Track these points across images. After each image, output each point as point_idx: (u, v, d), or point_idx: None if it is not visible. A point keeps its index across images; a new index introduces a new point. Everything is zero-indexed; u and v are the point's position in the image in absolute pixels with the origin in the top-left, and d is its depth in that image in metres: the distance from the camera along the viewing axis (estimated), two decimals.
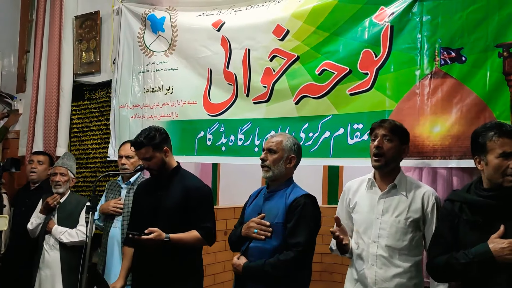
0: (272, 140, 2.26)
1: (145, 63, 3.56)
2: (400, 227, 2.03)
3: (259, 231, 2.13)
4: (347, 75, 2.61)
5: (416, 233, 2.05)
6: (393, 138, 2.07)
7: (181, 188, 2.41)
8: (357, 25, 2.60)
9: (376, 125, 2.11)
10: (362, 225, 2.12)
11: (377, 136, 2.08)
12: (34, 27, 4.29)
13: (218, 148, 3.10)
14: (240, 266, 2.13)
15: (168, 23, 3.41)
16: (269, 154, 2.22)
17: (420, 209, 2.04)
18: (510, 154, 1.72)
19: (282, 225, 2.13)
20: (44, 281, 3.20)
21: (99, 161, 3.87)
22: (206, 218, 2.40)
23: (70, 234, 3.19)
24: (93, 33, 4.03)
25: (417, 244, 2.05)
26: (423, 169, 2.39)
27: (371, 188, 2.15)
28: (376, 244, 2.05)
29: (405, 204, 2.05)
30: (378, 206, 2.09)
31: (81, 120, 4.04)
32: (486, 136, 1.77)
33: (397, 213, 2.05)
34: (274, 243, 2.12)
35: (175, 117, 3.34)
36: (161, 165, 2.43)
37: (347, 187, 2.28)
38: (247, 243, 2.18)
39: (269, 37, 2.90)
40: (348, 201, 2.23)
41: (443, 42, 2.32)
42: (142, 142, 2.39)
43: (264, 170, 2.23)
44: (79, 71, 4.09)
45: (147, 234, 2.26)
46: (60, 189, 3.29)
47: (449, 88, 2.30)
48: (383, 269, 2.03)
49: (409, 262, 2.02)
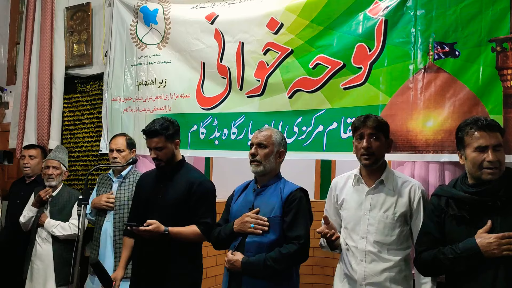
0: (261, 134, 2.24)
1: (137, 56, 3.52)
2: (388, 222, 2.05)
3: (256, 225, 2.11)
4: (341, 69, 2.61)
5: (404, 227, 2.07)
6: (379, 135, 2.08)
7: (185, 182, 2.40)
8: (351, 19, 2.60)
9: (360, 124, 2.10)
10: (351, 222, 2.13)
11: (363, 136, 2.08)
12: (25, 18, 4.22)
13: (211, 142, 3.09)
14: (238, 261, 2.10)
15: (161, 15, 3.38)
16: (259, 148, 2.21)
17: (407, 203, 2.06)
18: (485, 147, 1.75)
19: (280, 218, 2.13)
20: (36, 273, 3.19)
21: (91, 154, 3.84)
22: (206, 213, 2.39)
23: (63, 227, 3.19)
24: (84, 24, 3.98)
25: (405, 238, 2.07)
26: (415, 163, 2.40)
27: (358, 184, 2.16)
28: (365, 240, 2.07)
29: (392, 199, 2.07)
30: (366, 202, 2.10)
31: (72, 113, 4.00)
32: (464, 131, 1.81)
33: (384, 209, 2.06)
34: (271, 237, 2.11)
35: (168, 110, 3.32)
36: (170, 157, 2.42)
37: (333, 184, 2.29)
38: (239, 239, 2.16)
39: (263, 31, 2.89)
40: (336, 197, 2.24)
41: (437, 37, 2.33)
42: (156, 131, 2.38)
43: (254, 165, 2.21)
44: (70, 63, 4.04)
45: (146, 226, 2.24)
46: (52, 182, 3.28)
47: (442, 82, 2.31)
48: (372, 264, 2.04)
49: (398, 256, 2.04)
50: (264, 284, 2.08)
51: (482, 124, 1.77)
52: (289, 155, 2.73)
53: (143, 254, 2.39)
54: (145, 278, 2.36)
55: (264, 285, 2.08)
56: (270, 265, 2.05)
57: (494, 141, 1.75)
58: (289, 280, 2.14)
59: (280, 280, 2.10)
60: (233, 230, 2.18)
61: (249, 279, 2.10)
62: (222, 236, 2.24)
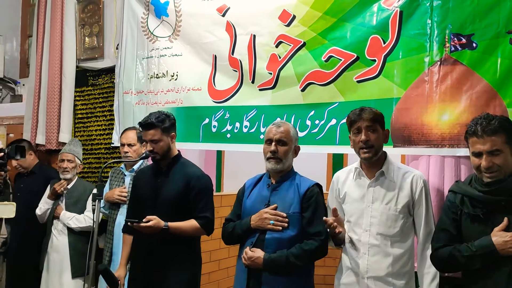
0: (280, 130, 2.18)
1: (149, 49, 3.52)
2: (391, 214, 2.03)
3: (276, 222, 2.10)
4: (354, 62, 2.57)
5: (407, 218, 2.05)
6: (376, 127, 2.05)
7: (182, 177, 2.40)
8: (365, 11, 2.55)
9: (356, 118, 2.06)
10: (353, 215, 2.12)
11: (361, 130, 2.05)
12: (36, 11, 4.24)
13: (223, 135, 3.08)
14: (259, 258, 2.06)
15: (172, 7, 3.36)
16: (279, 145, 2.17)
17: (409, 194, 2.03)
18: (479, 153, 1.74)
19: (299, 215, 2.12)
20: (52, 264, 3.25)
21: (104, 147, 3.87)
22: (205, 207, 2.40)
23: (78, 220, 3.24)
24: (95, 17, 3.98)
25: (408, 229, 2.05)
26: (430, 157, 2.37)
27: (359, 178, 2.14)
28: (368, 232, 2.05)
29: (394, 190, 2.05)
30: (368, 195, 2.08)
31: (85, 106, 4.02)
32: (466, 133, 1.81)
33: (386, 201, 2.05)
34: (291, 233, 2.10)
35: (179, 103, 3.32)
36: (166, 150, 2.42)
37: (335, 178, 2.27)
38: (257, 235, 2.14)
39: (275, 23, 2.86)
40: (338, 191, 2.22)
41: (454, 28, 2.28)
42: (152, 123, 2.38)
43: (274, 162, 2.16)
44: (82, 56, 4.06)
45: (146, 222, 2.25)
46: (67, 175, 3.32)
47: (459, 75, 2.26)
48: (375, 257, 2.03)
49: (402, 248, 2.02)
50: (284, 279, 2.07)
51: (476, 129, 1.73)
52: (302, 148, 2.70)
53: (142, 249, 2.40)
54: (144, 274, 2.37)
55: (283, 280, 2.08)
56: (292, 261, 2.04)
57: (489, 146, 1.71)
58: (307, 274, 2.15)
59: (298, 275, 2.10)
60: (251, 226, 2.15)
61: (269, 276, 2.07)
62: (237, 232, 2.20)
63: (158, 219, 2.27)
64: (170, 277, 2.33)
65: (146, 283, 2.36)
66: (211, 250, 3.56)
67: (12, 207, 3.41)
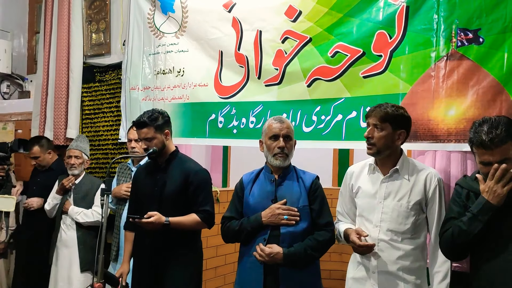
0: (284, 125, 2.20)
1: (155, 45, 3.53)
2: (402, 210, 2.03)
3: (289, 217, 2.12)
4: (360, 57, 2.57)
5: (420, 216, 2.05)
6: (384, 127, 2.03)
7: (180, 172, 2.43)
8: (371, 6, 2.55)
9: (369, 113, 2.09)
10: (365, 210, 2.13)
11: (369, 125, 2.06)
12: (43, 8, 4.26)
13: (230, 131, 3.10)
14: (279, 254, 2.06)
15: (178, 3, 3.37)
16: (285, 141, 2.19)
17: (423, 191, 2.04)
18: (488, 163, 1.74)
19: (308, 207, 2.17)
20: (61, 259, 3.29)
21: (111, 143, 3.90)
22: (205, 201, 2.42)
23: (86, 215, 3.28)
24: (102, 14, 4.00)
25: (420, 226, 2.06)
26: (436, 152, 2.37)
27: (373, 173, 2.15)
28: (378, 228, 2.06)
29: (407, 187, 2.05)
30: (380, 191, 2.09)
31: (92, 102, 4.05)
32: (470, 140, 1.80)
33: (399, 197, 2.05)
34: (303, 226, 2.14)
35: (186, 99, 3.33)
36: (161, 148, 2.44)
37: (349, 172, 2.28)
38: (268, 231, 2.13)
39: (281, 18, 2.86)
40: (351, 186, 2.24)
41: (460, 23, 2.27)
42: (145, 122, 2.41)
43: (282, 158, 2.18)
44: (89, 52, 4.08)
45: (148, 218, 2.28)
46: (75, 171, 3.36)
47: (465, 70, 2.26)
48: (385, 253, 2.04)
49: (412, 245, 2.03)
50: (300, 273, 2.12)
51: (487, 140, 1.71)
52: (308, 144, 2.73)
53: (145, 246, 2.43)
54: (147, 270, 2.40)
55: (299, 274, 2.11)
56: (310, 253, 2.09)
57: (498, 157, 1.71)
58: (316, 267, 2.20)
59: (309, 268, 2.15)
60: (262, 223, 2.13)
61: (286, 271, 2.09)
62: (247, 230, 2.16)
63: (159, 214, 2.30)
64: (173, 273, 2.36)
65: (150, 280, 2.38)
66: (217, 245, 3.58)
67: (12, 200, 3.46)
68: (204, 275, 2.60)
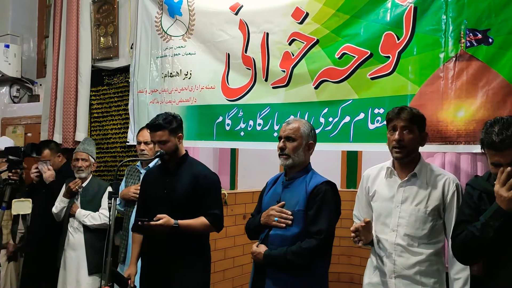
0: (288, 127, 2.22)
1: (163, 48, 3.55)
2: (420, 215, 2.01)
3: (280, 219, 2.13)
4: (368, 59, 2.56)
5: (437, 221, 2.02)
6: (413, 128, 2.02)
7: (190, 175, 2.43)
8: (378, 7, 2.53)
9: (393, 116, 2.04)
10: (382, 214, 2.11)
11: (396, 128, 2.03)
12: (53, 11, 4.31)
13: (237, 133, 3.10)
14: (260, 254, 2.13)
15: (186, 6, 3.38)
16: (287, 142, 2.20)
17: (441, 197, 2.01)
18: (499, 164, 1.70)
19: (303, 212, 2.12)
20: (69, 262, 3.30)
21: (119, 146, 3.92)
22: (214, 205, 2.43)
23: (93, 217, 3.28)
24: (110, 17, 4.03)
25: (437, 232, 2.03)
26: (445, 154, 2.35)
27: (391, 177, 2.12)
28: (395, 232, 2.04)
29: (425, 192, 2.02)
30: (398, 195, 2.07)
31: (100, 106, 4.07)
32: (481, 141, 1.76)
33: (416, 202, 2.03)
34: (295, 231, 2.11)
35: (193, 102, 3.34)
36: (173, 150, 2.45)
37: (366, 175, 2.26)
38: (266, 231, 2.18)
39: (288, 20, 2.86)
40: (367, 189, 2.21)
41: (469, 23, 2.25)
42: (160, 125, 2.41)
43: (283, 158, 2.21)
44: (97, 56, 4.11)
45: (156, 221, 2.29)
46: (82, 174, 3.37)
47: (474, 71, 2.23)
48: (402, 257, 2.02)
49: (429, 249, 2.00)
50: (286, 276, 2.10)
51: (497, 141, 1.67)
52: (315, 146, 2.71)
53: (153, 248, 2.43)
54: (156, 272, 2.40)
55: (285, 277, 2.10)
56: (290, 259, 2.07)
57: (509, 159, 1.67)
58: (312, 274, 2.13)
59: (302, 275, 2.10)
60: (260, 223, 2.21)
61: (273, 272, 2.12)
62: (251, 228, 2.30)
63: (168, 217, 2.31)
64: (182, 277, 2.36)
65: (158, 281, 2.39)
66: (225, 248, 3.59)
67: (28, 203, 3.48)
68: (212, 278, 2.60)
